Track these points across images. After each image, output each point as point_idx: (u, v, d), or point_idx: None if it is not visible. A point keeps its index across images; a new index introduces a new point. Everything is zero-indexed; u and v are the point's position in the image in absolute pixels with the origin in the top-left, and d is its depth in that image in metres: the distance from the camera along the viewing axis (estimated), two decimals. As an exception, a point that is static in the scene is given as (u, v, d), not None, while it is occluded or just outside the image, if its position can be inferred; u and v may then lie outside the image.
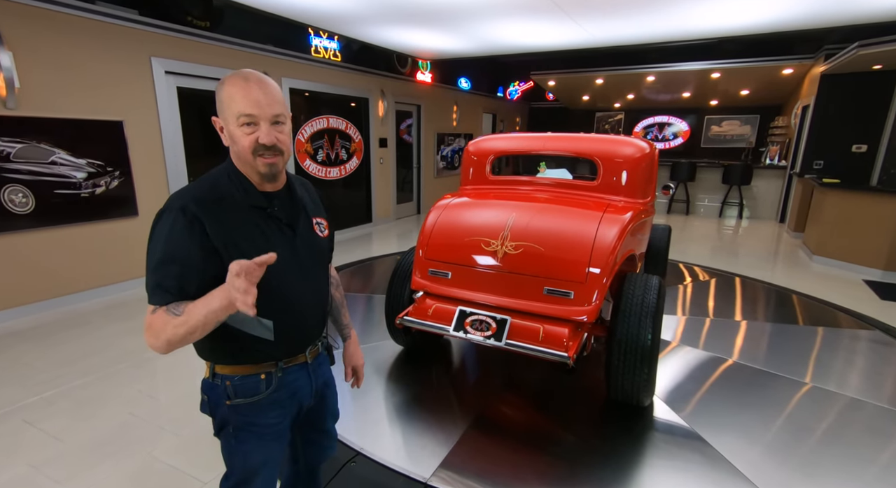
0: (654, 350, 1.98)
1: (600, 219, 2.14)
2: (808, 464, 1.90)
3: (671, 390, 2.45)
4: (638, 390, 2.05)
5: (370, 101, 6.71)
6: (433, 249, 2.30)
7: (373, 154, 6.91)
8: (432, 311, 2.20)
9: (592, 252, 2.01)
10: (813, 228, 5.47)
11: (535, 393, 2.50)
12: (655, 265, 3.88)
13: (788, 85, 8.36)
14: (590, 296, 1.98)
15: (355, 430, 2.09)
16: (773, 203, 8.22)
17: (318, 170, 6.04)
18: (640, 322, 1.98)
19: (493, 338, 1.98)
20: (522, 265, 2.07)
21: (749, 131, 10.74)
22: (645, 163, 2.67)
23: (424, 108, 7.98)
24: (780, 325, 3.37)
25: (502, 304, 2.08)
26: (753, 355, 2.87)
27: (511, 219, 2.20)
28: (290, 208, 1.07)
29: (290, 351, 1.09)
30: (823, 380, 2.58)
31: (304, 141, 5.73)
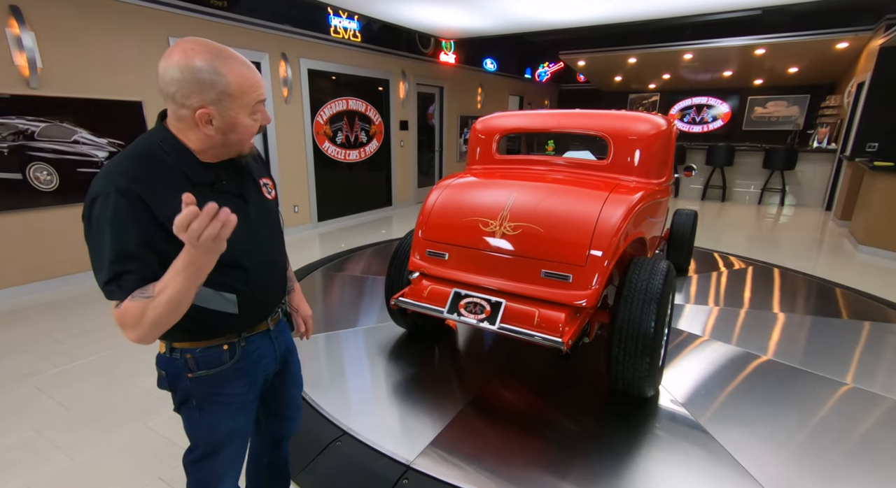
0: (657, 338, 1.86)
1: (605, 200, 2.02)
2: (832, 475, 1.73)
3: (691, 386, 2.30)
4: (639, 380, 1.93)
5: (391, 83, 6.62)
6: (431, 229, 2.24)
7: (393, 137, 6.84)
8: (427, 293, 2.15)
9: (594, 234, 1.90)
10: (860, 216, 5.04)
11: (538, 378, 2.41)
12: (679, 251, 3.68)
13: (843, 61, 7.68)
14: (590, 280, 1.87)
15: (345, 409, 2.07)
16: (819, 189, 7.65)
17: (337, 153, 6.03)
18: (643, 308, 1.86)
19: (487, 322, 1.92)
20: (520, 246, 1.99)
21: (797, 112, 10.01)
22: (660, 140, 2.49)
23: (447, 90, 7.82)
24: (820, 319, 3.12)
25: (498, 287, 2.01)
26: (789, 351, 2.66)
27: (511, 199, 2.12)
28: (237, 176, 1.01)
29: (253, 321, 1.05)
30: (866, 381, 2.35)
31: (322, 123, 5.72)
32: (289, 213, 5.44)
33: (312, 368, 2.42)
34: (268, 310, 1.08)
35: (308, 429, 1.90)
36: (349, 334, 2.88)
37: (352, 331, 2.93)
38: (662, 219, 2.87)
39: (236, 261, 0.94)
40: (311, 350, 2.65)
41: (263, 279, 1.04)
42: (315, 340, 2.76)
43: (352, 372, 2.44)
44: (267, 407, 1.22)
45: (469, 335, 2.89)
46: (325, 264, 4.28)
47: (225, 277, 0.93)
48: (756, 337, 2.82)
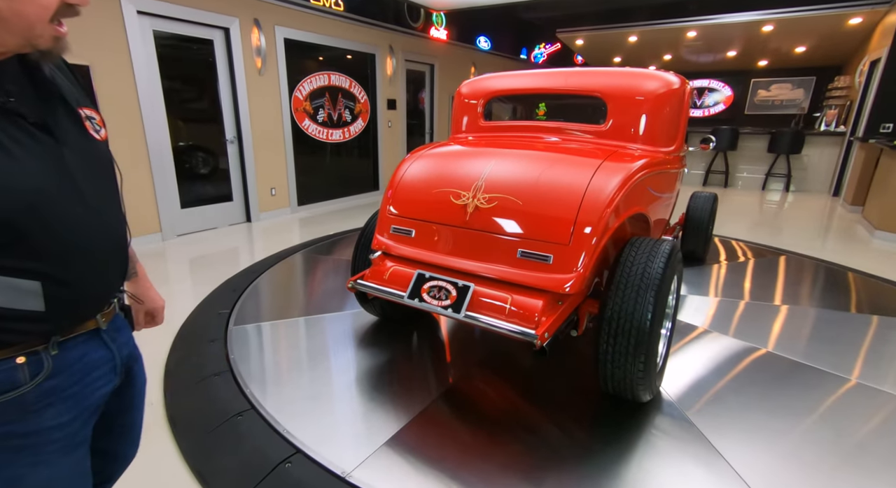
0: (654, 334, 1.54)
1: (597, 168, 1.70)
2: (831, 479, 1.44)
3: (687, 382, 1.98)
4: (632, 384, 1.61)
5: (377, 58, 6.19)
6: (398, 203, 1.96)
7: (380, 116, 6.44)
8: (389, 274, 1.86)
9: (581, 206, 1.59)
10: (876, 200, 4.73)
11: (521, 373, 2.10)
12: (696, 237, 3.35)
13: (854, 39, 7.33)
14: (574, 262, 1.56)
15: (282, 403, 1.75)
16: (826, 174, 7.35)
17: (319, 132, 5.63)
18: (638, 296, 1.54)
19: (451, 309, 1.63)
20: (494, 222, 1.70)
21: (801, 95, 9.68)
22: (670, 102, 2.14)
23: (438, 68, 7.40)
24: (829, 311, 2.80)
25: (468, 269, 1.72)
26: (792, 344, 2.34)
27: (489, 167, 1.80)
28: (37, 96, 0.65)
29: (73, 318, 0.70)
30: (875, 379, 2.04)
31: (302, 99, 5.31)
32: (265, 196, 5.06)
33: (256, 360, 2.09)
34: (98, 302, 0.74)
35: (234, 430, 1.59)
36: (317, 321, 2.57)
37: (322, 317, 2.60)
38: (672, 195, 2.52)
39: (44, 228, 0.61)
40: (263, 340, 2.31)
41: (89, 254, 0.69)
42: (275, 328, 2.43)
43: (309, 363, 2.11)
44: (95, 439, 0.82)
45: (450, 323, 2.55)
46: (305, 249, 3.92)
47: (20, 255, 0.59)
48: (758, 325, 2.51)
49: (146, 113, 3.85)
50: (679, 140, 2.36)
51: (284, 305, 2.76)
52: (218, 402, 1.78)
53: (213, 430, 1.63)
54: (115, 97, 3.64)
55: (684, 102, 2.29)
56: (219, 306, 2.69)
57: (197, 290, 2.99)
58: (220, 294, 2.90)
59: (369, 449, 1.56)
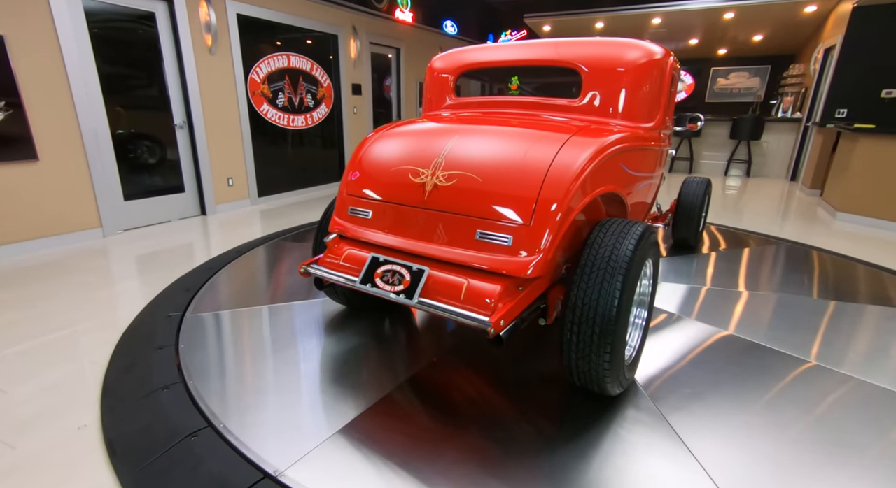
0: (621, 322, 1.43)
1: (564, 143, 1.58)
2: (801, 477, 1.37)
3: (659, 372, 1.89)
4: (598, 375, 1.50)
5: (340, 40, 5.85)
6: (357, 183, 1.84)
7: (345, 102, 6.11)
8: (344, 258, 1.75)
9: (543, 184, 1.48)
10: (837, 182, 4.88)
11: (493, 364, 1.96)
12: (687, 225, 3.28)
13: (808, 27, 7.57)
14: (535, 244, 1.45)
15: (222, 399, 1.58)
16: (783, 159, 7.60)
17: (279, 118, 5.26)
18: (604, 281, 1.43)
19: (404, 295, 1.53)
20: (453, 201, 1.59)
21: (758, 84, 10.00)
22: (650, 74, 2.03)
23: (405, 52, 7.11)
24: (791, 296, 2.81)
25: (423, 252, 1.61)
26: (754, 327, 2.31)
27: (450, 144, 1.70)
28: None
29: None
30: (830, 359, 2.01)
31: (259, 81, 4.93)
32: (221, 187, 4.68)
33: (214, 366, 1.84)
34: None
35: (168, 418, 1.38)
36: (281, 311, 2.36)
37: (287, 306, 2.39)
38: (652, 175, 2.41)
39: None
40: (221, 342, 2.05)
41: None
42: (234, 325, 2.17)
43: (271, 357, 1.89)
44: None
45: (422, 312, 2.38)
46: (268, 242, 3.62)
47: None
48: (723, 310, 2.47)
49: (78, 96, 3.42)
50: (660, 116, 2.24)
51: (244, 302, 2.49)
52: (167, 421, 1.53)
53: (162, 456, 1.38)
54: (40, 77, 3.20)
55: (666, 75, 2.17)
56: (169, 308, 2.40)
57: (144, 291, 2.67)
58: (171, 294, 2.59)
59: (311, 443, 1.45)
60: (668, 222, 3.36)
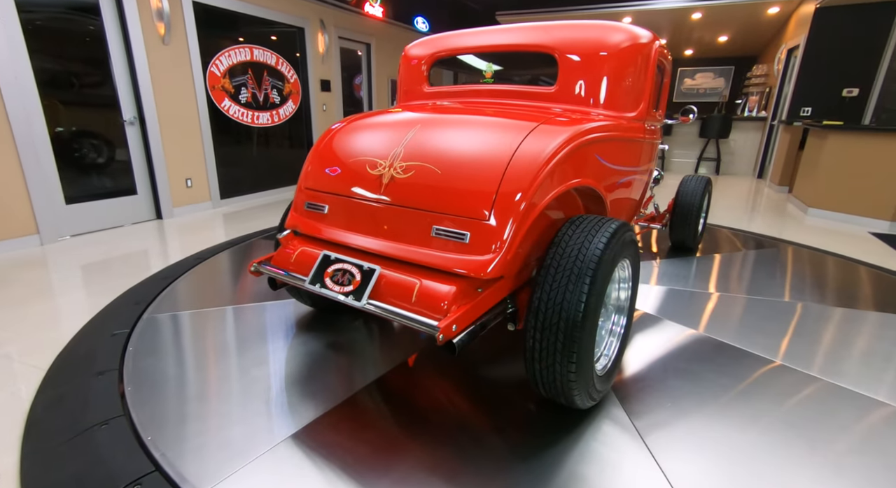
0: (588, 327, 1.31)
1: (529, 132, 1.47)
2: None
3: (639, 381, 1.76)
4: (564, 387, 1.37)
5: (307, 33, 5.57)
6: (314, 176, 1.74)
7: (313, 99, 5.83)
8: (296, 256, 1.64)
9: (504, 175, 1.37)
10: (807, 178, 4.97)
11: (465, 368, 1.83)
12: (684, 226, 3.14)
13: (770, 28, 7.78)
14: (493, 241, 1.33)
15: (176, 431, 1.31)
16: (750, 157, 7.78)
17: (243, 114, 4.94)
18: (569, 283, 1.30)
19: (353, 296, 1.41)
20: (409, 194, 1.48)
21: (722, 84, 10.26)
22: (633, 59, 1.92)
23: (375, 48, 6.88)
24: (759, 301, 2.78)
25: (376, 249, 1.50)
26: (723, 327, 2.24)
27: (410, 134, 1.59)
28: None
29: None
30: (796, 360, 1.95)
31: (219, 75, 4.60)
32: (179, 189, 4.33)
33: (168, 394, 1.59)
34: None
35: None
36: (247, 313, 2.14)
37: (254, 306, 2.19)
38: (637, 169, 2.28)
39: None
40: (180, 359, 1.80)
41: None
42: (193, 328, 1.91)
43: (224, 370, 1.65)
44: None
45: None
46: (232, 247, 3.33)
47: None
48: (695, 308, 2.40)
49: (8, 91, 3.05)
50: (645, 105, 2.13)
51: (203, 313, 2.23)
52: (104, 465, 1.28)
53: (96, 511, 1.14)
54: (-39, 63, 2.82)
55: (651, 61, 2.05)
56: (114, 325, 2.11)
57: (87, 306, 2.37)
58: (118, 308, 2.30)
59: (248, 458, 1.33)
60: (666, 223, 3.24)
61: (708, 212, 3.49)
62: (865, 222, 4.25)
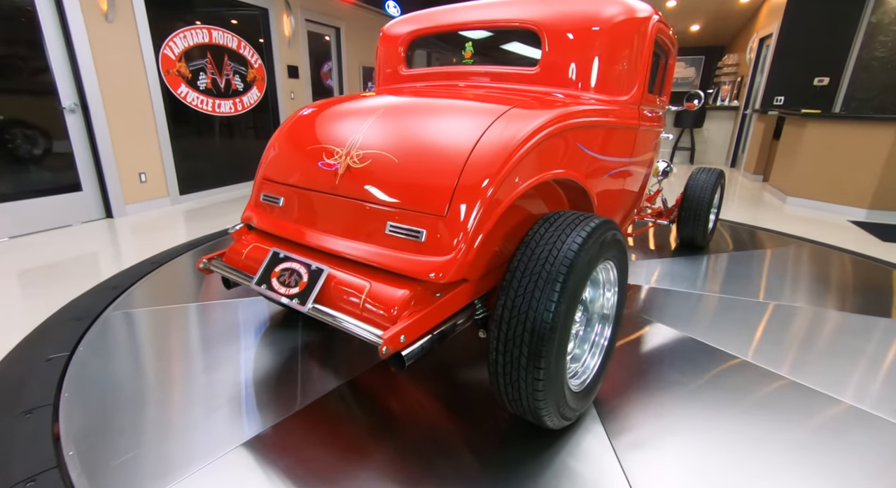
0: (556, 338, 1.14)
1: (498, 116, 1.31)
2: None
3: (619, 391, 1.61)
4: (531, 405, 1.22)
5: (271, 14, 5.17)
6: (272, 165, 1.61)
7: (280, 86, 5.45)
8: (247, 253, 1.51)
9: (466, 165, 1.21)
10: (784, 167, 5.00)
11: (446, 376, 1.67)
12: (693, 222, 2.91)
13: (741, 17, 7.85)
14: (451, 240, 1.18)
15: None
16: (722, 147, 7.87)
17: (202, 102, 4.54)
18: (537, 289, 1.15)
19: (297, 299, 1.28)
20: (364, 186, 1.34)
21: (693, 74, 10.36)
22: (628, 36, 1.74)
23: (345, 32, 6.51)
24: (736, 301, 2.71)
25: (327, 247, 1.37)
26: (726, 336, 2.13)
27: (371, 119, 1.46)
28: None
29: None
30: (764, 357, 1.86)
31: (174, 58, 4.19)
32: (132, 184, 3.93)
33: (96, 410, 1.33)
34: None
35: None
36: (212, 320, 1.94)
37: (220, 304, 1.91)
38: (630, 159, 2.08)
39: None
40: (121, 367, 1.53)
41: None
42: (149, 345, 1.65)
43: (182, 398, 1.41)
44: None
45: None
46: (196, 248, 3.00)
47: None
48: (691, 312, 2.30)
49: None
50: (639, 87, 1.92)
51: (160, 326, 1.95)
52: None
53: None
54: None
55: (647, 38, 1.84)
56: (50, 347, 1.80)
57: (23, 321, 2.03)
58: (57, 326, 1.98)
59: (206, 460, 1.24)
60: (674, 219, 3.03)
61: (720, 207, 3.30)
62: (844, 210, 4.29)
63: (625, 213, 2.35)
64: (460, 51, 2.24)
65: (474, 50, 2.20)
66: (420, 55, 2.33)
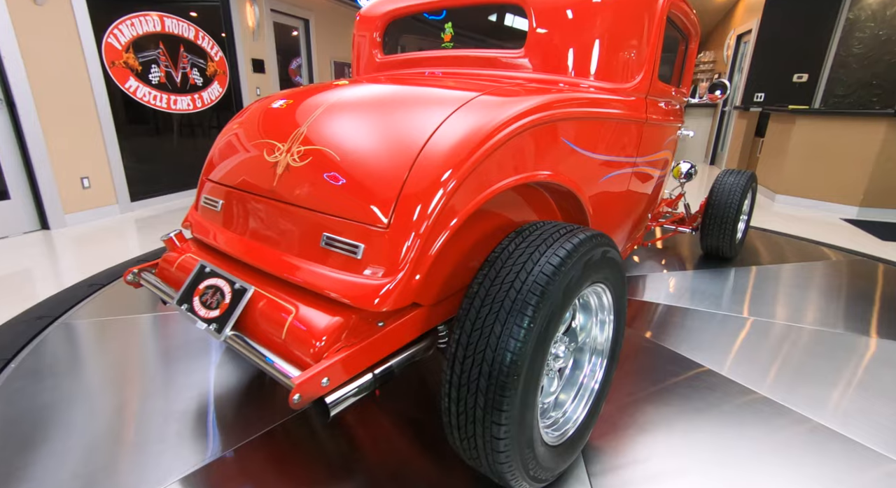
0: (519, 386, 0.90)
1: (460, 106, 1.07)
2: None
3: (612, 428, 1.38)
4: (492, 465, 0.97)
5: (232, 4, 4.74)
6: (217, 163, 1.38)
7: (244, 80, 5.02)
8: (178, 264, 1.29)
9: (414, 166, 0.97)
10: (771, 165, 4.93)
11: (426, 410, 1.39)
12: (718, 231, 2.61)
13: (717, 14, 7.85)
14: (394, 257, 0.94)
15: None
16: (700, 144, 7.86)
17: (156, 98, 4.09)
18: (497, 321, 0.91)
19: (215, 324, 1.04)
20: (302, 188, 1.10)
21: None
22: (631, 9, 1.49)
23: (315, 25, 6.12)
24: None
25: (254, 261, 1.13)
26: (751, 368, 1.88)
27: (320, 110, 1.21)
28: None
29: None
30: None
31: (120, 48, 3.73)
32: (72, 190, 3.46)
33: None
34: None
35: None
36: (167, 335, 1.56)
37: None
38: (634, 159, 1.78)
39: None
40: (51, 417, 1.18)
41: None
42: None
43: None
44: None
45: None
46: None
47: None
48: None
49: None
50: (646, 73, 1.62)
51: (113, 324, 1.59)
52: None
53: None
54: None
55: (657, 13, 1.57)
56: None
57: None
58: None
59: None
60: (697, 226, 2.74)
61: (751, 213, 2.96)
62: (835, 208, 4.22)
63: (632, 223, 2.06)
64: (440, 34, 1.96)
65: (454, 32, 1.91)
66: (401, 42, 2.04)
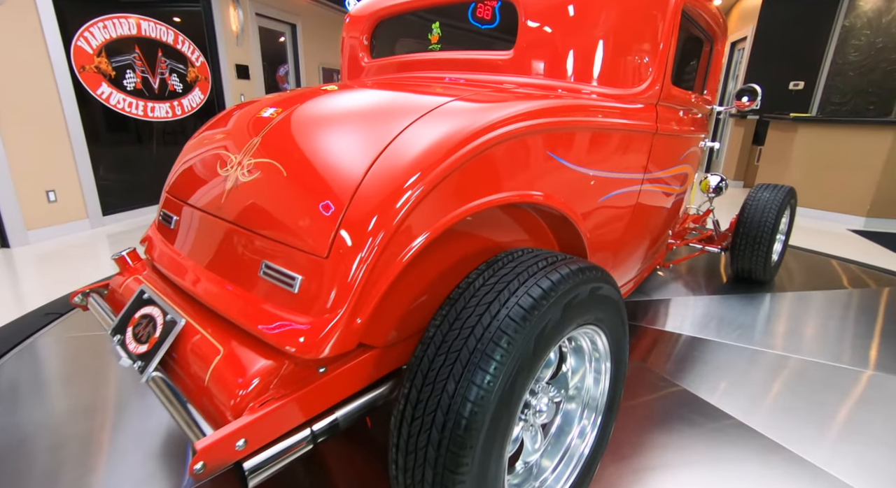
0: (473, 457, 0.73)
1: (423, 114, 0.91)
2: None
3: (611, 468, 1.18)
4: None
5: (214, 7, 4.53)
6: (175, 176, 1.25)
7: (227, 87, 4.79)
8: (124, 288, 1.14)
9: (362, 184, 0.80)
10: (772, 173, 4.82)
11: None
12: (751, 252, 2.35)
13: (710, 23, 7.83)
14: (334, 291, 0.76)
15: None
16: (695, 152, 7.79)
17: (131, 105, 3.84)
18: (451, 377, 0.74)
19: (140, 360, 0.88)
20: (247, 207, 0.94)
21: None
22: (637, 3, 1.31)
23: (302, 30, 5.92)
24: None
25: (191, 288, 0.98)
26: (783, 417, 1.67)
27: (277, 119, 1.07)
28: None
29: None
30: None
31: (92, 51, 3.49)
32: (36, 204, 3.19)
33: None
34: None
35: None
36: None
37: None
38: (652, 176, 1.57)
39: None
40: None
41: None
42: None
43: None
44: None
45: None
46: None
47: None
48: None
49: None
50: (656, 77, 1.41)
51: (68, 408, 1.35)
52: None
53: None
54: None
55: (671, 11, 1.38)
56: None
57: None
58: None
59: None
60: (727, 246, 2.51)
61: (790, 233, 2.70)
62: (841, 218, 4.11)
63: (645, 247, 1.80)
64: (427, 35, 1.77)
65: (442, 33, 1.72)
66: (389, 44, 1.86)
